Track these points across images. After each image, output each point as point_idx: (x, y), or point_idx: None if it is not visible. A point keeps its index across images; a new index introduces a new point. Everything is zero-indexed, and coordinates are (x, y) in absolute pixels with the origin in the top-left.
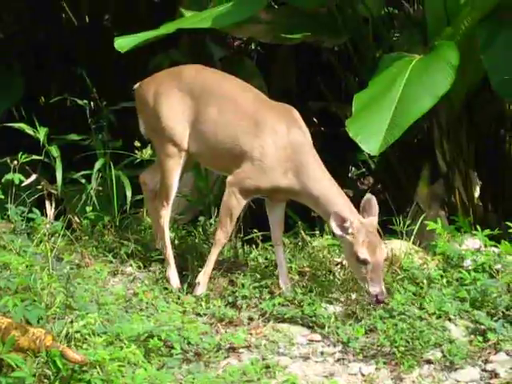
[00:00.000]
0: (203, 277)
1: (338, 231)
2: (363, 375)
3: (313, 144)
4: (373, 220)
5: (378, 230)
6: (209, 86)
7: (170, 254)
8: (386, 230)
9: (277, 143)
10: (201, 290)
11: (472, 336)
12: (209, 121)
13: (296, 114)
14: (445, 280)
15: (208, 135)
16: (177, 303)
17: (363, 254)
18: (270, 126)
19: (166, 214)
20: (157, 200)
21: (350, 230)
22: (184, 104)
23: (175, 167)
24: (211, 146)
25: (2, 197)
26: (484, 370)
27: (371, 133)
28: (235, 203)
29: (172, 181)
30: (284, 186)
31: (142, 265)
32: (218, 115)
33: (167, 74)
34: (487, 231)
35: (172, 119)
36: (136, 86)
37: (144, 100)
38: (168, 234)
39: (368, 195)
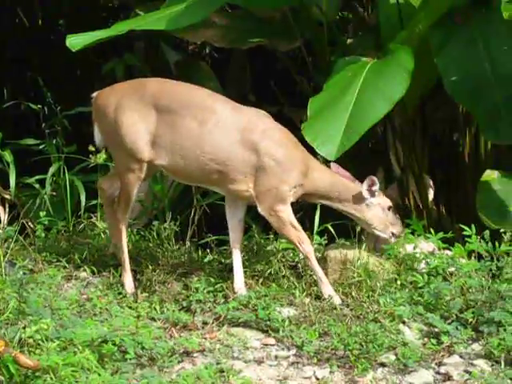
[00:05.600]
0: (326, 287)
1: (366, 194)
2: (317, 379)
3: None
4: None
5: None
6: (179, 97)
7: (126, 258)
8: (340, 234)
9: (281, 145)
10: (337, 299)
11: (426, 339)
12: (187, 133)
13: (269, 116)
14: (399, 283)
15: (189, 148)
16: (131, 308)
17: (388, 201)
18: (264, 133)
19: (124, 220)
20: (116, 206)
21: (376, 193)
22: (149, 118)
23: (135, 180)
24: (193, 159)
25: None
26: (438, 373)
27: (328, 137)
28: (285, 215)
29: (132, 192)
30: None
31: (95, 270)
32: (199, 127)
33: (129, 86)
34: (441, 234)
35: (134, 133)
36: (94, 94)
37: (103, 111)
38: (125, 239)
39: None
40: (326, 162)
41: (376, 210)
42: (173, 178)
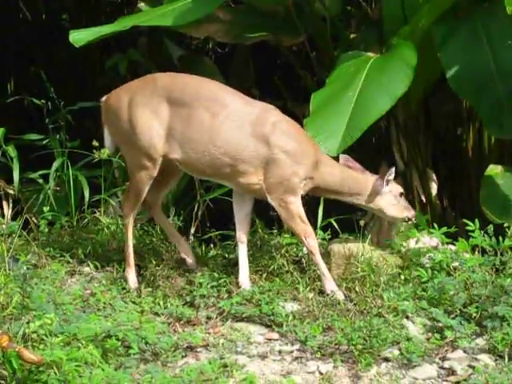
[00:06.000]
0: (329, 283)
1: (382, 185)
2: (321, 373)
3: None
4: None
5: None
6: (191, 90)
7: (130, 254)
8: (343, 228)
9: (291, 137)
10: (340, 294)
11: (429, 334)
12: (200, 126)
13: (278, 110)
14: (402, 278)
15: (200, 141)
16: (134, 303)
17: (399, 188)
18: (275, 125)
19: (132, 216)
20: (123, 201)
21: (390, 182)
22: (162, 112)
23: (148, 178)
24: (205, 152)
25: None
26: (441, 368)
27: (330, 133)
28: (294, 207)
29: (144, 190)
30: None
31: (99, 265)
32: (211, 120)
33: (139, 83)
34: (444, 229)
35: (149, 130)
36: (103, 98)
37: (115, 111)
38: (131, 235)
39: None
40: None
41: (389, 197)
42: (185, 171)
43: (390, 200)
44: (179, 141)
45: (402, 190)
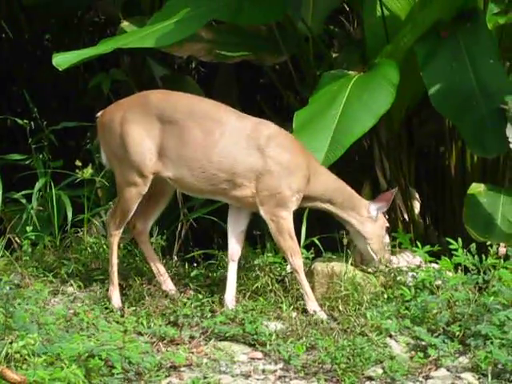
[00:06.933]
0: (311, 303)
1: (374, 210)
2: None
3: None
4: None
5: None
6: (184, 108)
7: (115, 273)
8: (326, 247)
9: (286, 149)
10: (322, 314)
11: (413, 352)
12: (194, 144)
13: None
14: (385, 296)
15: (195, 158)
16: (118, 322)
17: (386, 223)
18: (269, 138)
19: (118, 234)
20: (109, 218)
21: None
22: (154, 130)
23: (137, 195)
24: (200, 169)
25: None
26: None
27: (313, 150)
28: (285, 223)
29: (132, 208)
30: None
31: (82, 285)
32: (206, 137)
33: (133, 99)
34: (427, 247)
35: (140, 146)
36: (99, 114)
37: (108, 128)
38: (116, 254)
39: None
40: None
41: (377, 226)
42: (178, 189)
43: (377, 229)
44: (172, 159)
45: (388, 225)
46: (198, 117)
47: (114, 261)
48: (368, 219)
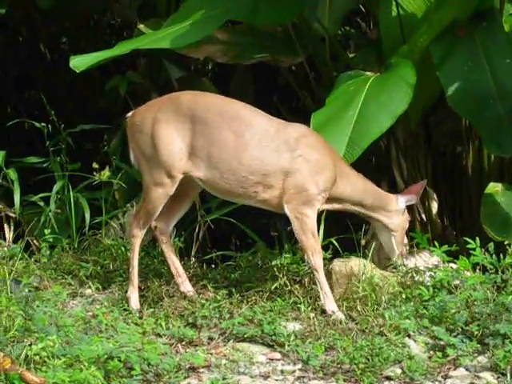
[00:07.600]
0: (330, 303)
1: (403, 203)
2: None
3: None
4: None
5: None
6: (214, 109)
7: (135, 274)
8: (345, 247)
9: (315, 149)
10: (341, 315)
11: (431, 352)
12: (224, 145)
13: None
14: (404, 296)
15: (226, 160)
16: (136, 324)
17: (409, 218)
18: (299, 139)
19: (140, 236)
20: (133, 219)
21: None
22: (185, 130)
23: (164, 196)
24: (230, 170)
25: None
26: None
27: None
28: (309, 221)
29: (158, 208)
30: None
31: (100, 286)
32: (236, 139)
33: (164, 100)
34: (445, 247)
35: (171, 146)
36: (129, 114)
37: (139, 127)
38: (137, 255)
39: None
40: None
41: (403, 218)
42: (207, 189)
43: (403, 222)
44: (204, 159)
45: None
46: (228, 118)
47: (135, 262)
48: (396, 212)
